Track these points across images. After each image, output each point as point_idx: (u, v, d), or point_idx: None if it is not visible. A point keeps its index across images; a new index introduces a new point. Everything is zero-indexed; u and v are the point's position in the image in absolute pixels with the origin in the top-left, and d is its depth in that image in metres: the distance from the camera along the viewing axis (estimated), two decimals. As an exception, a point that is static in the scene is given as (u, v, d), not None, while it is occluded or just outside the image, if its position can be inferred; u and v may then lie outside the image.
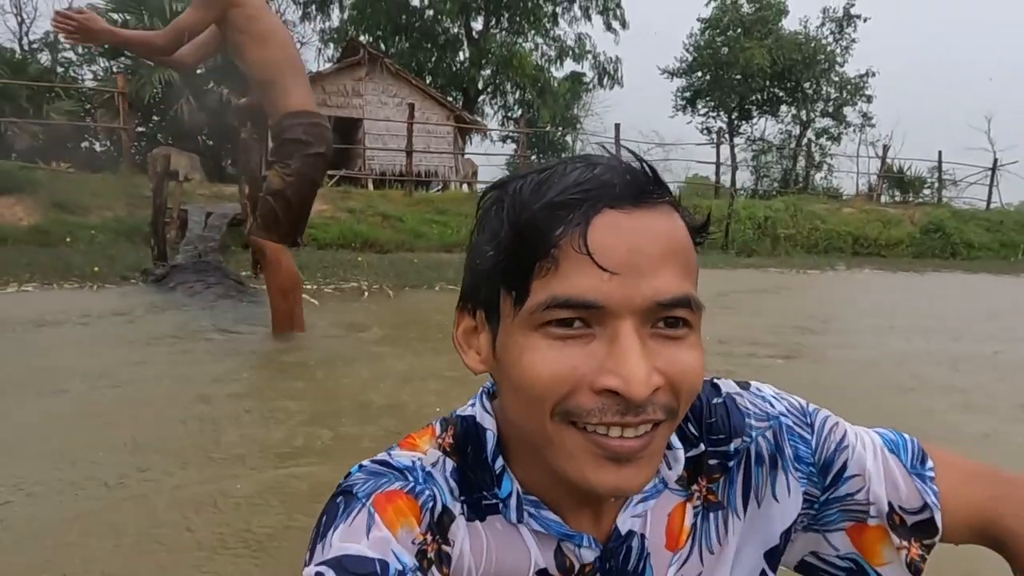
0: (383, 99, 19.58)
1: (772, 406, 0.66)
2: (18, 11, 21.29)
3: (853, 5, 24.40)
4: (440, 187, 20.49)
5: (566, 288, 0.48)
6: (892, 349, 4.51)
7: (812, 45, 24.21)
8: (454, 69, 25.75)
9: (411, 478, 0.55)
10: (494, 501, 0.58)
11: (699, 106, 26.78)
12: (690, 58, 26.25)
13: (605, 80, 25.85)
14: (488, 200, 0.55)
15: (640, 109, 36.90)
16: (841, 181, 24.91)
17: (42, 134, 17.05)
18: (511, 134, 26.04)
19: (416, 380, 3.16)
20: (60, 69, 20.82)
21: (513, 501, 0.57)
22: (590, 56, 25.89)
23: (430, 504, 0.54)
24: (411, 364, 3.50)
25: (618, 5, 25.58)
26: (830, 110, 25.34)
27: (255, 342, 4.10)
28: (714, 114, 26.70)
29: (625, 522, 0.60)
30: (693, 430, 0.64)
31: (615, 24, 25.63)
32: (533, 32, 25.96)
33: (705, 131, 26.74)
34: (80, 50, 21.57)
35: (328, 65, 23.45)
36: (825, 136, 25.41)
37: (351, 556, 0.49)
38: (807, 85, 24.94)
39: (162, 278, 6.42)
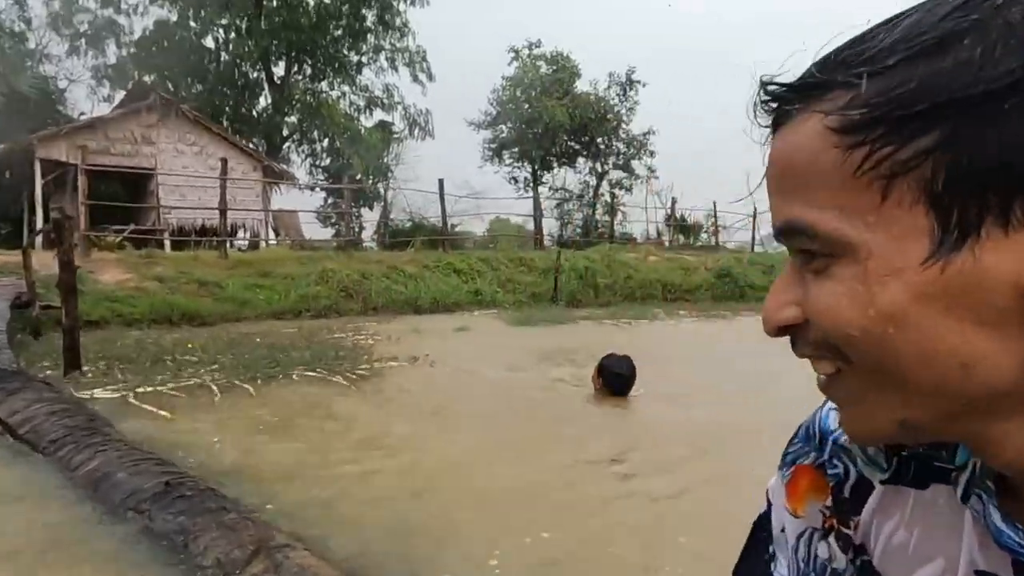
0: (179, 147, 17.80)
1: None
2: None
3: (634, 71, 27.38)
4: (246, 243, 19.01)
5: None
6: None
7: (602, 105, 26.63)
8: (255, 115, 24.29)
9: (825, 449, 0.54)
10: (949, 467, 0.46)
11: (505, 157, 28.07)
12: (495, 112, 27.49)
13: (416, 131, 26.11)
14: None
15: (451, 158, 38.20)
16: (633, 227, 27.32)
17: None
18: (319, 183, 25.09)
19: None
20: None
21: (964, 477, 0.45)
22: (400, 107, 26.01)
23: (835, 481, 0.53)
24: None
25: (424, 58, 26.10)
26: (620, 163, 27.96)
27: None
28: (519, 164, 28.14)
29: None
30: None
31: (421, 76, 26.10)
32: (339, 80, 25.46)
33: (512, 180, 28.05)
34: None
35: (106, 106, 20.84)
36: (618, 187, 27.92)
37: (763, 514, 0.56)
38: (600, 140, 27.32)
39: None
